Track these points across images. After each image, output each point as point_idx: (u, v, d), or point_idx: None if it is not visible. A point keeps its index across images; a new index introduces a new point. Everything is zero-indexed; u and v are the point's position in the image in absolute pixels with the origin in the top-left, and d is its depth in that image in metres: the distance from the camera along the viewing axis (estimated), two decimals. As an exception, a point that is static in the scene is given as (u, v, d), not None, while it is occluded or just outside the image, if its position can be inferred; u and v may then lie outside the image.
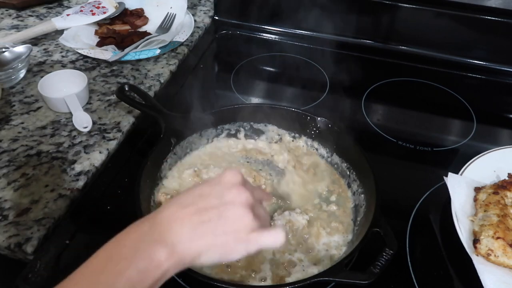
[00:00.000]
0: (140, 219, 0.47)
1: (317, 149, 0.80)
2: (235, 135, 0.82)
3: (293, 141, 0.82)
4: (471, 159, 0.76)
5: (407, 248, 0.67)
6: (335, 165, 0.77)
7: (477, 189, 0.71)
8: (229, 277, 0.61)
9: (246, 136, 0.82)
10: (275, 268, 0.62)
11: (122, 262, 0.42)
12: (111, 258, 0.43)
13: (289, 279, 0.60)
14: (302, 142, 0.81)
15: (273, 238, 0.47)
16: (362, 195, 0.69)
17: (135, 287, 0.42)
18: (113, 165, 0.78)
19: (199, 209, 0.46)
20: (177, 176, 0.74)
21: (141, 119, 0.86)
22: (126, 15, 1.14)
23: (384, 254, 0.56)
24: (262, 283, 0.60)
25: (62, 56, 1.01)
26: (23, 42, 0.99)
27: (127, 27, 1.10)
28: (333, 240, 0.66)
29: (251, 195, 0.48)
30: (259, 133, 0.83)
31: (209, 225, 0.45)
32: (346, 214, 0.70)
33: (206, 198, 0.47)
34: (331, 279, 0.55)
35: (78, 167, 0.75)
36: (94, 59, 1.00)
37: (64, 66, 0.98)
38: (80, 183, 0.73)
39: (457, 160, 0.82)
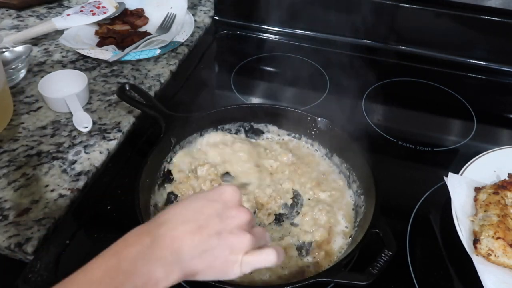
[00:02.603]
0: (140, 228, 0.46)
1: (317, 150, 0.80)
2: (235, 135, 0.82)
3: (293, 141, 0.82)
4: (471, 159, 0.76)
5: (407, 248, 0.67)
6: (335, 166, 0.77)
7: (477, 189, 0.71)
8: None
9: (246, 136, 0.82)
10: None
11: (120, 276, 0.42)
12: (109, 270, 0.42)
13: None
14: (302, 143, 0.81)
15: (266, 260, 0.48)
16: (362, 196, 0.69)
17: None
18: (113, 165, 0.78)
19: (200, 227, 0.45)
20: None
21: (141, 119, 0.86)
22: (126, 15, 1.14)
23: (383, 255, 0.56)
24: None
25: (63, 56, 1.01)
26: (23, 42, 0.99)
27: (127, 27, 1.10)
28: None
29: (249, 214, 0.48)
30: (259, 133, 0.83)
31: (209, 244, 0.45)
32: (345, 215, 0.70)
33: (207, 216, 0.46)
34: (329, 279, 0.55)
35: (78, 167, 0.75)
36: (94, 59, 1.00)
37: (64, 66, 0.98)
38: (80, 183, 0.73)
39: (457, 160, 0.82)
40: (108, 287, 0.41)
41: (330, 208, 0.70)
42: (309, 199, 0.73)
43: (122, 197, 0.72)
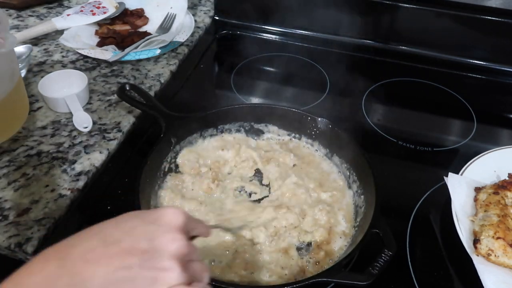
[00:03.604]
0: (48, 251, 0.39)
1: (317, 150, 0.80)
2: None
3: (293, 141, 0.82)
4: (471, 159, 0.76)
5: (407, 248, 0.67)
6: (336, 166, 0.77)
7: (477, 189, 0.71)
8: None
9: (246, 136, 0.82)
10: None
11: None
12: None
13: None
14: (303, 143, 0.81)
15: None
16: (362, 196, 0.69)
17: None
18: (113, 165, 0.78)
19: (122, 250, 0.38)
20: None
21: (141, 119, 0.86)
22: (126, 15, 1.14)
23: (383, 255, 0.56)
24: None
25: (63, 56, 1.01)
26: (23, 42, 0.99)
27: (127, 27, 1.10)
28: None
29: (186, 244, 0.41)
30: (259, 133, 0.83)
31: (128, 273, 0.38)
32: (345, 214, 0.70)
33: (134, 238, 0.39)
34: (329, 279, 0.55)
35: (78, 167, 0.75)
36: (94, 59, 1.00)
37: (64, 66, 0.98)
38: (81, 183, 0.73)
39: (457, 160, 0.82)
40: None
41: (330, 208, 0.70)
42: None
43: (122, 197, 0.72)
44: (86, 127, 0.81)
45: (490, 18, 1.00)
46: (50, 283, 0.36)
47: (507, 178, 0.73)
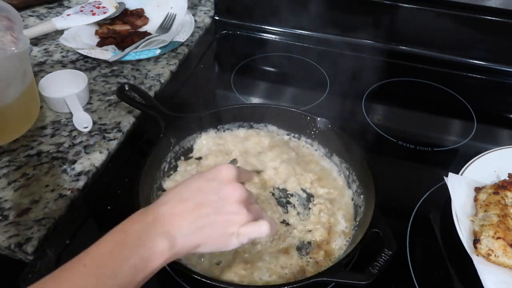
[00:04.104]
0: (144, 209, 0.49)
1: (316, 149, 0.80)
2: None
3: (292, 141, 0.82)
4: (471, 159, 0.76)
5: (407, 248, 0.67)
6: (335, 165, 0.77)
7: (478, 189, 0.71)
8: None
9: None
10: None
11: (128, 249, 0.45)
12: (118, 245, 0.45)
13: None
14: (302, 142, 0.81)
15: (260, 230, 0.51)
16: (362, 196, 0.69)
17: (138, 273, 0.45)
18: (113, 165, 0.78)
19: (197, 204, 0.49)
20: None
21: (141, 119, 0.86)
22: (126, 15, 1.14)
23: (383, 255, 0.56)
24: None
25: (63, 56, 1.01)
26: (23, 42, 0.99)
27: (127, 27, 1.10)
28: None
29: (244, 191, 0.51)
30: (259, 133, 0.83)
31: (207, 220, 0.49)
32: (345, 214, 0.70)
33: (204, 193, 0.50)
34: (329, 279, 0.55)
35: (78, 167, 0.75)
36: (94, 59, 1.00)
37: (64, 66, 0.98)
38: (81, 183, 0.73)
39: (457, 160, 0.82)
40: (117, 259, 0.44)
41: (330, 207, 0.70)
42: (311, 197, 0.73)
43: (122, 197, 0.72)
44: (86, 127, 0.81)
45: (490, 18, 1.00)
46: (148, 229, 0.47)
47: (507, 178, 0.73)
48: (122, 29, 1.09)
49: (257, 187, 0.72)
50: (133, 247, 0.45)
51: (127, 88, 0.83)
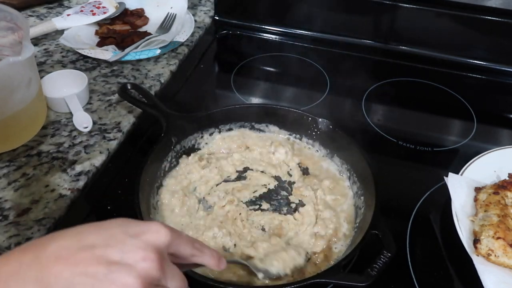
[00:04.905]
0: (26, 245, 0.40)
1: (318, 150, 0.80)
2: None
3: (294, 141, 0.82)
4: (471, 159, 0.76)
5: (408, 248, 0.67)
6: (336, 167, 0.77)
7: (478, 189, 0.71)
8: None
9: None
10: None
11: None
12: None
13: None
14: (303, 143, 0.81)
15: None
16: (362, 197, 0.69)
17: None
18: (113, 165, 0.78)
19: (93, 257, 0.38)
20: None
21: (141, 119, 0.86)
22: (126, 15, 1.14)
23: (382, 256, 0.56)
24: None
25: (63, 56, 1.01)
26: (23, 42, 0.99)
27: (127, 27, 1.10)
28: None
29: (157, 268, 0.39)
30: (260, 133, 0.83)
31: (90, 280, 0.37)
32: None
33: (111, 248, 0.39)
34: (328, 280, 0.55)
35: (78, 167, 0.75)
36: (94, 59, 1.00)
37: (64, 66, 0.98)
38: (81, 183, 0.73)
39: (457, 160, 0.82)
40: None
41: (334, 213, 0.70)
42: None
43: (122, 197, 0.72)
44: (86, 127, 0.81)
45: (490, 18, 1.00)
46: (21, 273, 0.37)
47: (507, 178, 0.73)
48: (122, 29, 1.09)
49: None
50: None
51: (129, 87, 0.83)
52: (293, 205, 0.72)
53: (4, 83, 0.67)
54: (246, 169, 0.77)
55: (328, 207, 0.70)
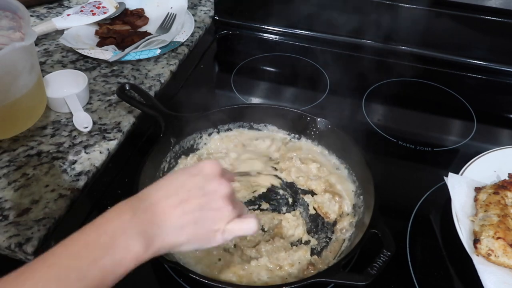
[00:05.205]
0: (122, 203, 0.47)
1: (317, 150, 0.80)
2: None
3: (293, 141, 0.82)
4: (471, 159, 0.76)
5: (408, 248, 0.67)
6: (335, 166, 0.77)
7: (478, 189, 0.71)
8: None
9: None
10: None
11: (98, 250, 0.42)
12: (88, 244, 0.42)
13: None
14: (302, 143, 0.81)
15: (248, 228, 0.50)
16: (361, 196, 0.69)
17: (107, 276, 0.42)
18: (113, 165, 0.78)
19: (182, 200, 0.46)
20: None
21: (141, 119, 0.86)
22: (126, 15, 1.14)
23: (382, 255, 0.56)
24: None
25: (63, 56, 1.01)
26: (24, 42, 0.99)
27: (127, 27, 1.10)
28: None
29: (229, 186, 0.49)
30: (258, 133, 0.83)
31: (191, 217, 0.46)
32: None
33: (189, 190, 0.48)
34: (328, 280, 0.55)
35: (78, 167, 0.75)
36: (94, 59, 1.00)
37: (64, 66, 0.98)
38: (81, 183, 0.73)
39: (458, 160, 0.82)
40: (84, 261, 0.41)
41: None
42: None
43: (122, 197, 0.71)
44: (86, 127, 0.81)
45: (490, 18, 1.00)
46: (124, 228, 0.44)
47: (507, 178, 0.73)
48: (122, 29, 1.09)
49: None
50: (104, 248, 0.42)
51: (127, 88, 0.83)
52: (293, 201, 0.73)
53: (10, 68, 0.69)
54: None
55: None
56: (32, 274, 0.40)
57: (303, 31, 1.15)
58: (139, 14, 1.15)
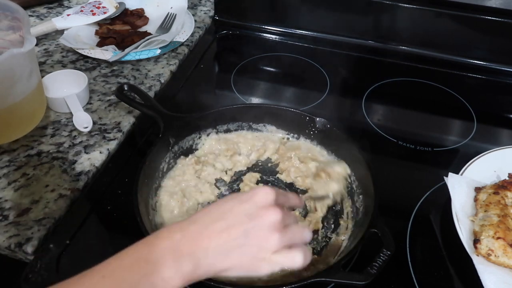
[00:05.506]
0: (173, 225, 0.48)
1: (316, 150, 0.80)
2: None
3: (291, 141, 0.82)
4: (471, 159, 0.76)
5: (408, 248, 0.67)
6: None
7: (478, 189, 0.71)
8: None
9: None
10: None
11: (149, 266, 0.44)
12: (139, 260, 0.44)
13: None
14: (301, 142, 0.81)
15: (293, 261, 0.49)
16: (361, 196, 0.69)
17: None
18: (113, 165, 0.78)
19: (228, 226, 0.47)
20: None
21: (141, 119, 0.86)
22: (126, 15, 1.14)
23: (382, 255, 0.56)
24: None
25: (63, 56, 1.01)
26: (24, 42, 0.99)
27: (127, 27, 1.10)
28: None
29: (279, 214, 0.48)
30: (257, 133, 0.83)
31: (235, 243, 0.47)
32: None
33: (235, 215, 0.48)
34: (328, 279, 0.55)
35: (78, 167, 0.75)
36: (94, 59, 1.00)
37: (64, 66, 0.98)
38: (81, 183, 0.73)
39: (458, 160, 0.82)
40: (136, 274, 0.43)
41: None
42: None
43: (122, 197, 0.72)
44: (86, 127, 0.81)
45: (490, 18, 1.00)
46: (174, 248, 0.45)
47: (507, 178, 0.73)
48: (122, 29, 1.09)
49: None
50: (155, 264, 0.44)
51: (126, 88, 0.83)
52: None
53: (7, 74, 0.68)
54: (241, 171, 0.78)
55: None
56: (87, 282, 0.43)
57: (303, 31, 1.15)
58: (139, 14, 1.15)
